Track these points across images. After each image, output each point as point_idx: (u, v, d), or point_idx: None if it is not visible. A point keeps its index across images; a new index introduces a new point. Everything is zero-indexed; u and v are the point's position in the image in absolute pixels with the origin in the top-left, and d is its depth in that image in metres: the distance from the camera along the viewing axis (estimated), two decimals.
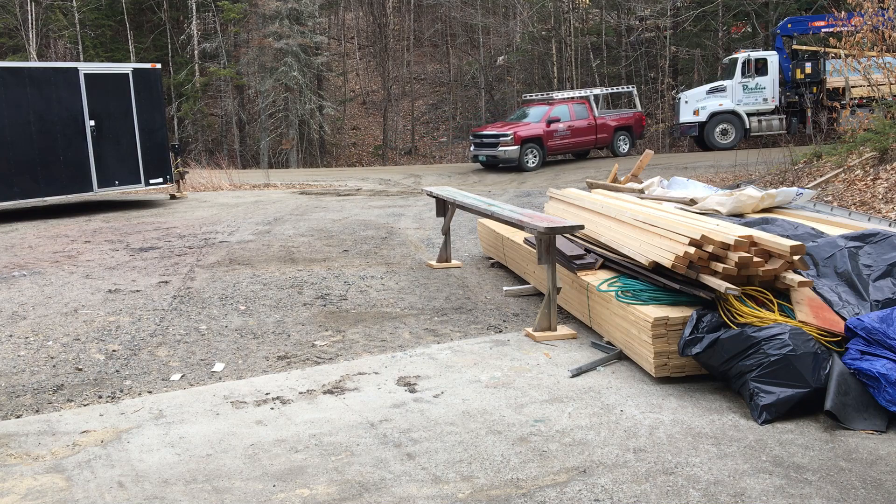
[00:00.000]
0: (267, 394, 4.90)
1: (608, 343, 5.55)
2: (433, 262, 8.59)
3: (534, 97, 23.85)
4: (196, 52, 31.40)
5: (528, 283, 7.37)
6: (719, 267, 4.93)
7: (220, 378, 5.25)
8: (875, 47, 12.13)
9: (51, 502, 3.61)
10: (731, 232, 5.13)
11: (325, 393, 4.88)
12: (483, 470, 3.78)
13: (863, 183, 9.78)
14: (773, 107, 22.49)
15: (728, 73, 23.19)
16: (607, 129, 22.06)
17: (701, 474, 3.67)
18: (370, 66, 38.94)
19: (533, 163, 20.60)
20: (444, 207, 8.61)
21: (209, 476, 3.82)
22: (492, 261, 8.67)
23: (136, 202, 15.47)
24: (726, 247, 4.97)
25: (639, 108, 24.01)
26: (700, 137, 22.92)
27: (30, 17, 30.27)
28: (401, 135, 34.75)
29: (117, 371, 5.43)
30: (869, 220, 7.01)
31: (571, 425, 4.26)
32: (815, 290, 5.00)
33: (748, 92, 22.40)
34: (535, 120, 21.28)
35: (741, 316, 4.74)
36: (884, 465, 3.71)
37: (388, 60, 35.46)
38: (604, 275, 5.90)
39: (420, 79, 37.70)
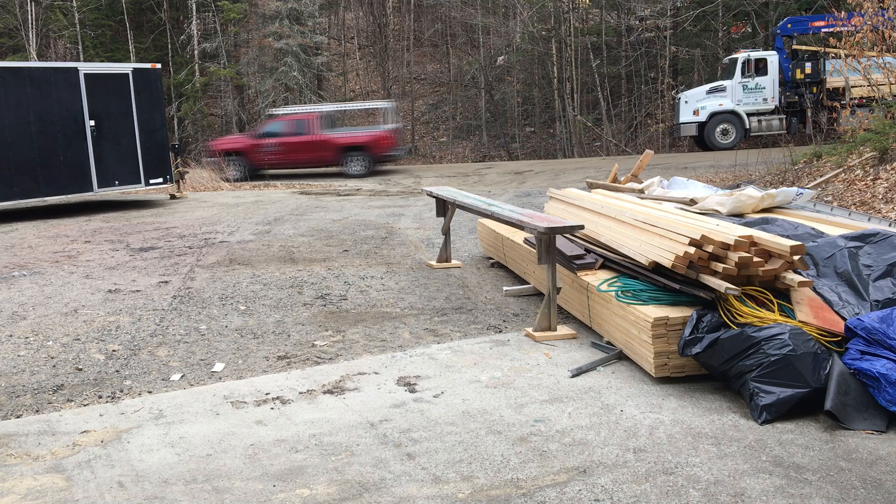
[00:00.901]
0: (267, 394, 4.90)
1: (608, 343, 5.55)
2: (433, 262, 8.59)
3: (278, 112, 23.40)
4: (196, 52, 31.39)
5: (528, 283, 7.37)
6: (719, 267, 4.93)
7: (220, 378, 5.25)
8: (875, 47, 12.13)
9: (51, 502, 3.61)
10: (731, 232, 5.13)
11: (325, 393, 4.88)
12: (483, 470, 3.78)
13: (863, 183, 9.78)
14: (773, 107, 22.43)
15: (728, 73, 23.17)
16: (330, 148, 21.03)
17: (701, 474, 3.67)
18: (370, 66, 38.93)
19: (232, 176, 20.70)
20: (444, 207, 8.61)
21: (209, 476, 3.82)
22: (492, 261, 8.67)
23: (136, 202, 15.47)
24: (726, 247, 4.97)
25: (390, 125, 22.68)
26: (700, 137, 22.81)
27: (30, 17, 30.27)
28: (401, 135, 34.72)
29: (117, 371, 5.43)
30: (869, 220, 7.01)
31: (571, 425, 4.26)
32: (815, 290, 5.00)
33: (748, 92, 22.35)
34: (254, 134, 21.73)
35: (741, 316, 4.74)
36: (884, 465, 3.71)
37: (388, 60, 35.45)
38: (604, 275, 5.90)
39: (420, 79, 37.68)
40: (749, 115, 22.33)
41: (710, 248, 4.99)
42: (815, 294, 4.97)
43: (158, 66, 15.24)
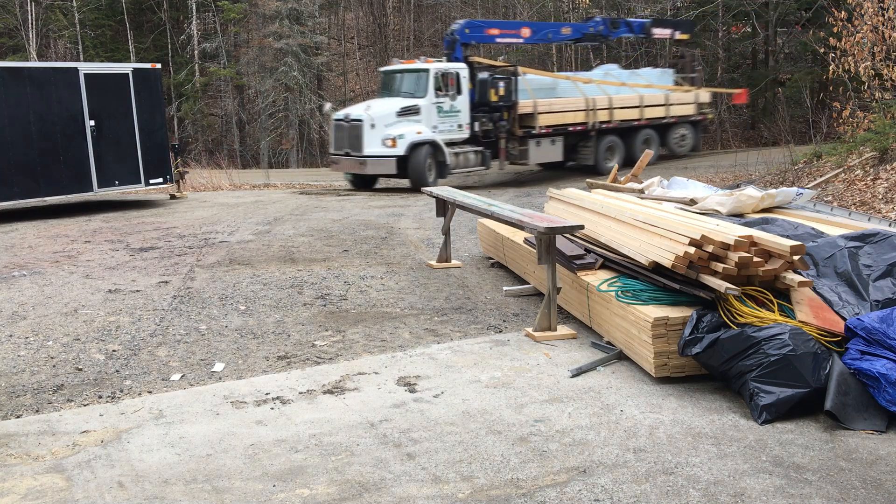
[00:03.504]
0: (267, 394, 4.90)
1: (608, 343, 5.55)
2: (433, 262, 8.59)
3: None
4: (196, 52, 31.42)
5: (528, 283, 7.36)
6: (719, 267, 4.93)
7: (220, 378, 5.25)
8: (875, 47, 12.12)
9: (51, 502, 3.61)
10: (731, 232, 5.13)
11: (325, 393, 4.88)
12: (483, 470, 3.78)
13: (863, 183, 9.79)
14: (468, 135, 16.95)
15: (390, 89, 17.16)
16: None
17: (701, 474, 3.67)
18: (370, 66, 38.92)
19: None
20: (444, 207, 8.61)
21: (209, 476, 3.82)
22: (492, 261, 8.67)
23: (136, 202, 15.47)
24: (726, 247, 4.97)
25: None
26: (400, 173, 16.10)
27: (30, 17, 30.30)
28: None
29: (117, 371, 5.43)
30: (869, 220, 7.01)
31: (571, 425, 4.26)
32: (815, 290, 5.00)
33: (443, 115, 16.46)
34: None
35: (741, 316, 4.74)
36: (884, 465, 3.71)
37: (388, 60, 35.45)
38: (604, 275, 5.90)
39: None
40: (447, 144, 16.36)
41: (710, 248, 4.99)
42: (815, 294, 4.97)
43: (158, 66, 15.23)
